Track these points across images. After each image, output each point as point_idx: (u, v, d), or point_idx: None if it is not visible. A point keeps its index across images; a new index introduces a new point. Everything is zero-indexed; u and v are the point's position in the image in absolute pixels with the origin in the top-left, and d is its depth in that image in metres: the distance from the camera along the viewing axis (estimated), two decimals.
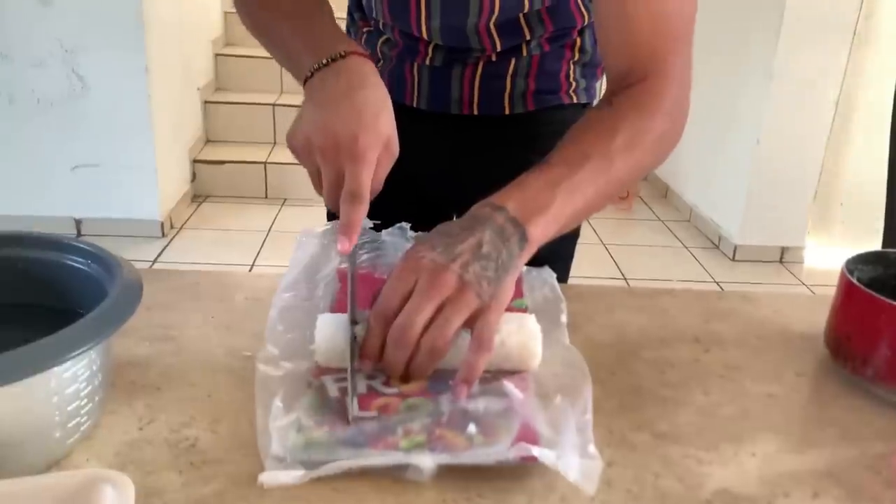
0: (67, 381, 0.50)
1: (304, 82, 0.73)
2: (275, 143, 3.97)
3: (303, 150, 0.70)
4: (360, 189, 0.65)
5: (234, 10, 4.38)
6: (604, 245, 3.40)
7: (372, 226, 0.81)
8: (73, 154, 3.04)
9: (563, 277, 0.98)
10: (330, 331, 0.61)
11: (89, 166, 3.05)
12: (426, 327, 0.57)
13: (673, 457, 0.56)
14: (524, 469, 0.53)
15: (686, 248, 3.51)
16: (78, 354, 0.48)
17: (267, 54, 0.85)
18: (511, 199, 0.64)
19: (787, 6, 3.01)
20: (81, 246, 0.61)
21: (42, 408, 0.49)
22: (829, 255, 3.38)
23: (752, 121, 3.23)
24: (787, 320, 0.79)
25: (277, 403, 0.55)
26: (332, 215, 1.05)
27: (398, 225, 0.82)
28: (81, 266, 0.61)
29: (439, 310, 0.57)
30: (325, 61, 0.71)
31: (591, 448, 0.53)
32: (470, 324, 0.58)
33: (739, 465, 0.56)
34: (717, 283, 3.15)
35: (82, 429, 0.52)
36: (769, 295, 0.85)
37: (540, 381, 0.61)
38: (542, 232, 0.63)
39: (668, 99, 0.74)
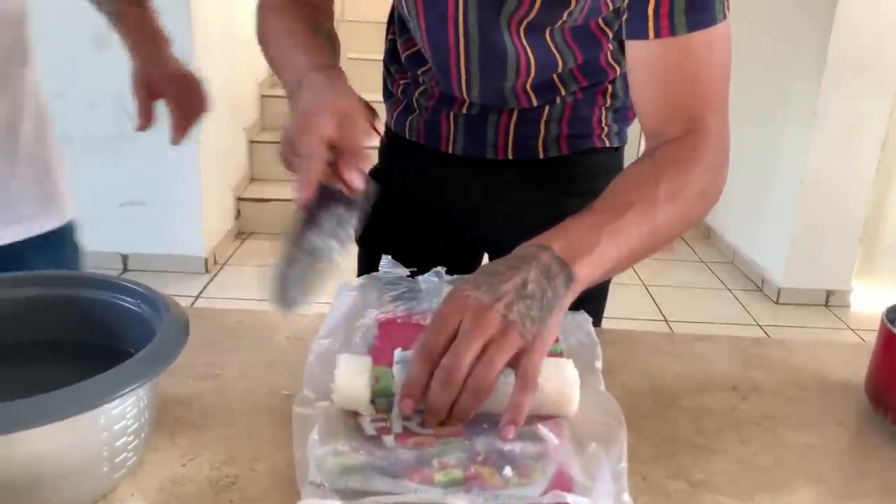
0: (116, 417, 0.51)
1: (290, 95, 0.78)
2: None
3: (284, 155, 0.75)
4: (306, 176, 0.69)
5: None
6: (644, 286, 3.37)
7: (408, 273, 0.82)
8: (121, 191, 3.13)
9: (597, 319, 0.99)
10: (350, 372, 0.62)
11: (137, 204, 3.13)
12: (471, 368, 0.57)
13: None
14: None
15: (728, 289, 3.47)
16: (127, 393, 0.50)
17: None
18: (557, 239, 0.64)
19: (831, 48, 3.00)
20: (130, 286, 0.64)
21: (92, 443, 0.51)
22: (876, 298, 3.30)
23: (795, 162, 3.20)
24: (826, 368, 0.78)
25: (314, 436, 0.56)
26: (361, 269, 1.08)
27: (434, 270, 0.83)
28: (130, 305, 0.63)
29: (483, 350, 0.58)
30: (292, 87, 0.77)
31: (626, 497, 0.53)
32: (514, 364, 0.59)
33: None
34: (761, 327, 3.10)
35: (128, 464, 0.54)
36: (808, 342, 0.84)
37: (575, 427, 0.61)
38: (588, 272, 0.64)
39: (708, 154, 0.74)
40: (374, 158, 0.79)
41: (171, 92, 1.12)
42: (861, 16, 2.97)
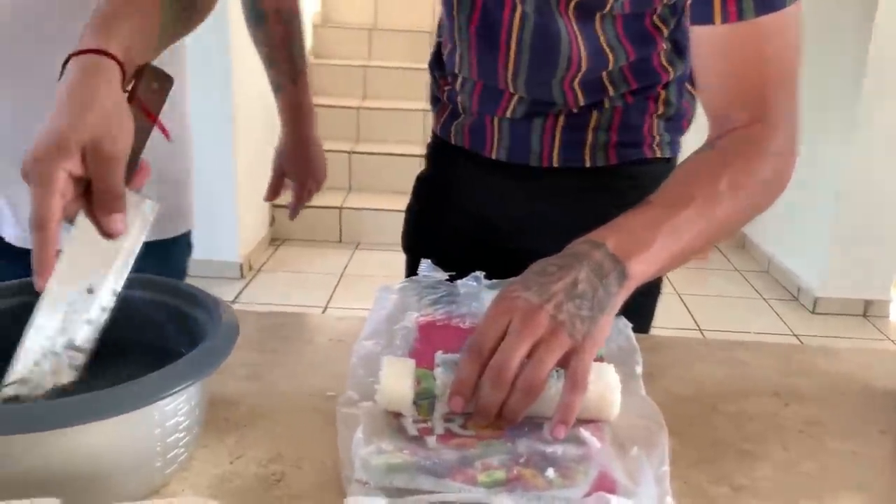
0: (169, 414, 0.53)
1: None
2: (350, 188, 4.08)
3: None
4: (39, 213, 0.54)
5: (315, 61, 4.49)
6: (678, 295, 3.35)
7: (447, 277, 0.83)
8: None
9: (644, 328, 0.98)
10: (394, 374, 0.63)
11: None
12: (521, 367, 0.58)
13: None
14: None
15: (764, 299, 3.43)
16: (181, 389, 0.51)
17: (344, 104, 0.90)
18: (611, 236, 0.64)
19: (871, 55, 2.96)
20: (181, 287, 0.66)
21: (146, 438, 0.52)
22: None
23: (833, 169, 3.16)
24: (869, 375, 0.78)
25: (359, 435, 0.57)
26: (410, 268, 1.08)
27: (472, 275, 0.83)
28: (181, 306, 0.65)
29: (533, 350, 0.58)
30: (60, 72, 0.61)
31: (669, 500, 0.53)
32: (563, 364, 0.59)
33: None
34: (797, 337, 3.06)
35: (179, 460, 0.56)
36: (851, 350, 0.83)
37: (616, 431, 0.62)
38: (642, 270, 0.63)
39: (775, 143, 0.72)
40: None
41: (299, 171, 1.31)
42: None
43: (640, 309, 0.69)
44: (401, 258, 1.10)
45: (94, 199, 0.57)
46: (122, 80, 0.61)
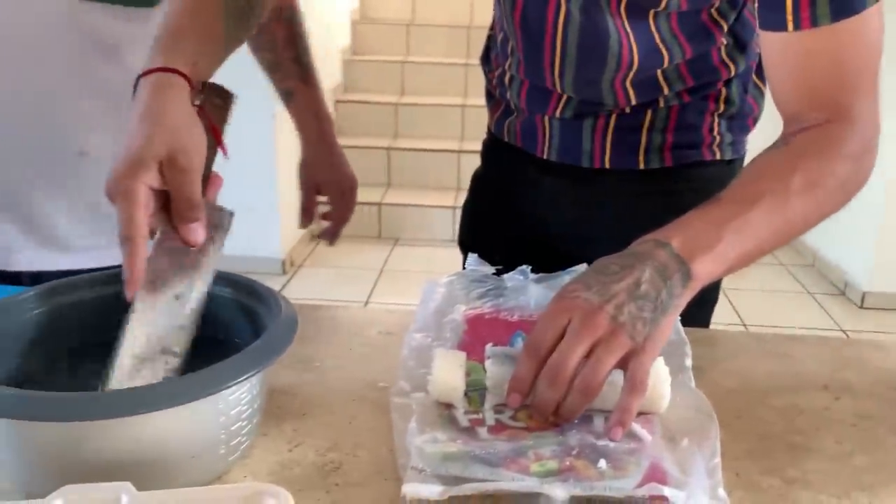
0: (233, 403, 0.55)
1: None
2: (389, 184, 4.10)
3: None
4: (127, 229, 0.57)
5: (354, 57, 4.53)
6: (723, 289, 3.30)
7: (494, 271, 0.84)
8: None
9: (705, 324, 0.96)
10: (446, 366, 0.64)
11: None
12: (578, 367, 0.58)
13: (803, 502, 0.56)
14: None
15: (809, 293, 3.37)
16: (244, 379, 0.53)
17: (383, 100, 0.90)
18: (676, 235, 0.63)
19: None
20: (241, 280, 0.68)
21: (211, 426, 0.54)
22: None
23: (882, 159, 3.05)
24: None
25: (413, 425, 0.59)
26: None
27: (519, 268, 0.83)
28: (240, 299, 0.67)
29: (591, 351, 0.58)
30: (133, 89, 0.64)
31: (721, 491, 0.54)
32: (623, 364, 0.59)
33: None
34: (844, 332, 3.01)
35: (241, 448, 0.58)
36: None
37: (666, 424, 0.62)
38: (708, 270, 0.62)
39: (852, 143, 0.70)
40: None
41: (332, 194, 1.26)
42: None
43: (693, 320, 0.68)
44: (439, 253, 1.12)
45: (174, 210, 0.60)
46: (191, 96, 0.64)
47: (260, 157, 3.20)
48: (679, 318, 0.73)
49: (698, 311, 0.75)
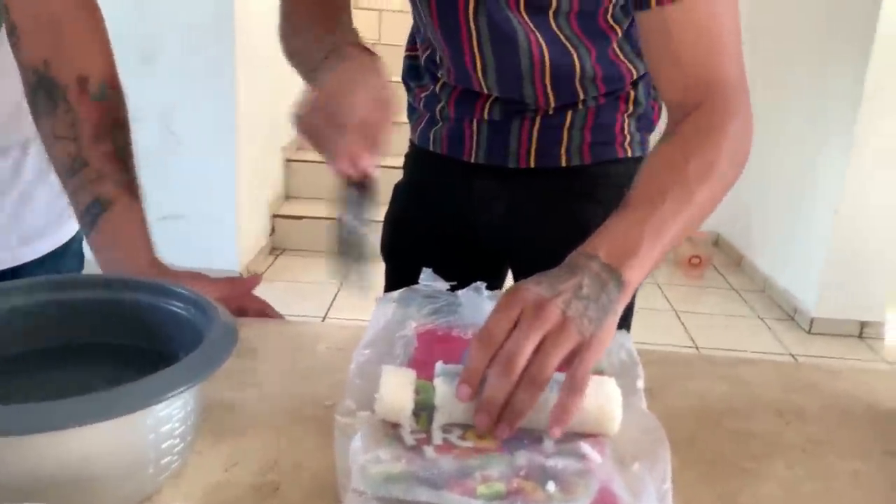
0: (163, 419, 0.52)
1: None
2: None
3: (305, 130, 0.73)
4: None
5: None
6: (675, 312, 3.34)
7: (448, 287, 0.82)
8: (161, 206, 3.17)
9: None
10: (394, 384, 0.62)
11: (175, 218, 3.18)
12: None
13: None
14: None
15: (760, 318, 3.42)
16: (176, 394, 0.50)
17: None
18: (601, 246, 0.65)
19: (868, 73, 2.96)
20: (180, 290, 0.65)
21: (139, 444, 0.51)
22: None
23: (830, 190, 3.16)
24: (871, 395, 0.77)
25: (356, 444, 0.57)
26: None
27: (474, 285, 0.83)
28: (179, 310, 0.64)
29: (540, 344, 0.58)
30: (324, 56, 0.74)
31: None
32: (567, 363, 0.59)
33: None
34: (793, 356, 3.05)
35: (173, 467, 0.55)
36: (852, 369, 0.83)
37: (617, 446, 0.61)
38: (637, 273, 0.65)
39: (731, 114, 0.75)
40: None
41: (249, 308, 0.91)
42: None
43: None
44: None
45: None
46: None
47: (220, 170, 3.15)
48: (631, 338, 0.73)
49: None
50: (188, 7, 2.98)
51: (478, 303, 0.82)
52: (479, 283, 0.83)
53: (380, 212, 0.75)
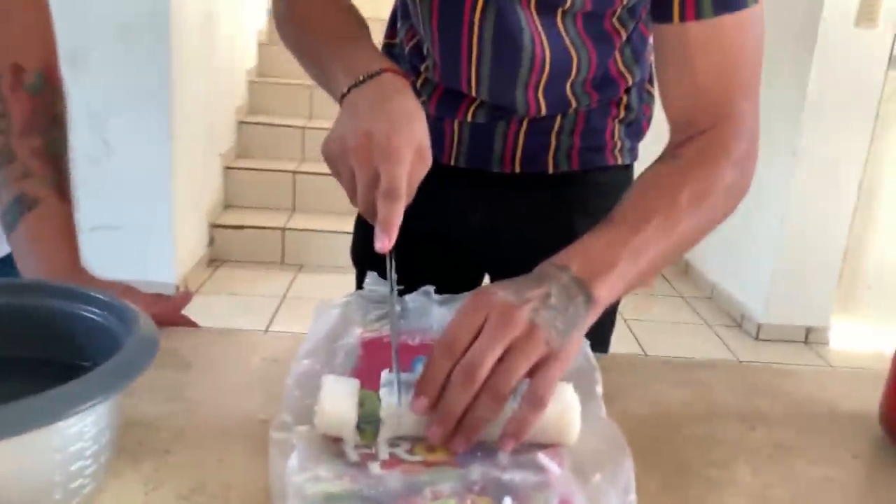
0: (72, 438, 0.46)
1: (341, 100, 0.71)
2: (294, 209, 3.99)
3: (338, 153, 0.67)
4: (395, 185, 0.62)
5: (259, 78, 4.43)
6: (624, 320, 3.34)
7: (397, 291, 0.77)
8: (93, 215, 3.05)
9: (604, 348, 0.94)
10: (336, 395, 0.57)
11: (108, 228, 3.06)
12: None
13: None
14: None
15: (708, 325, 3.45)
16: (85, 409, 0.44)
17: (290, 123, 0.84)
18: (574, 259, 0.62)
19: (810, 87, 3.02)
20: (97, 296, 0.59)
21: (43, 466, 0.45)
22: (855, 336, 3.30)
23: (776, 199, 3.20)
24: (833, 398, 0.74)
25: (293, 462, 0.51)
26: (359, 265, 1.01)
27: (422, 289, 0.78)
28: (96, 317, 0.58)
29: (505, 354, 0.54)
30: (361, 78, 0.69)
31: None
32: (530, 375, 0.55)
33: None
34: (741, 363, 3.08)
35: (84, 492, 0.49)
36: (811, 370, 0.81)
37: (576, 457, 0.57)
38: (607, 293, 0.61)
39: (737, 148, 0.72)
40: None
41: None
42: (839, 55, 3.00)
43: (593, 335, 0.65)
44: (346, 281, 1.04)
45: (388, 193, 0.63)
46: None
47: (155, 178, 3.04)
48: (587, 343, 0.70)
49: (597, 335, 0.73)
50: (120, 5, 2.87)
51: (427, 308, 0.77)
52: (427, 287, 0.78)
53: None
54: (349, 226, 1.08)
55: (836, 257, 3.22)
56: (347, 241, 1.08)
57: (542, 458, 0.55)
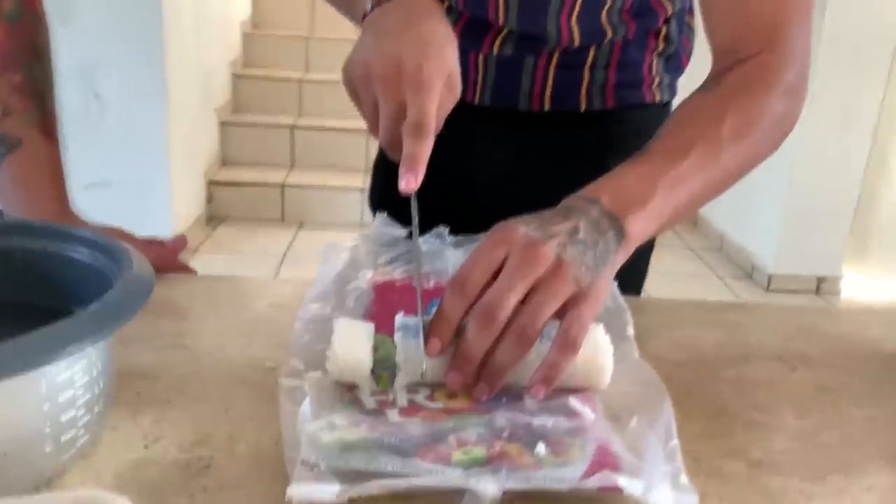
0: (62, 385, 0.42)
1: (362, 18, 0.66)
2: (292, 165, 3.92)
3: (360, 78, 0.61)
4: (425, 119, 0.57)
5: (253, 30, 4.33)
6: None
7: (406, 233, 0.73)
8: (88, 173, 2.98)
9: (637, 291, 0.90)
10: (349, 339, 0.53)
11: (102, 186, 3.00)
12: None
13: (774, 489, 0.47)
14: (602, 500, 0.44)
15: (718, 277, 3.41)
16: (74, 352, 0.40)
17: (287, 75, 0.78)
18: (606, 191, 0.57)
19: (823, 33, 2.94)
20: (83, 235, 0.54)
21: (30, 416, 0.41)
22: (867, 285, 3.27)
23: (786, 146, 3.11)
24: (873, 336, 0.70)
25: (305, 409, 0.47)
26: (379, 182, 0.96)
27: (435, 230, 0.74)
28: (85, 258, 0.53)
29: (531, 292, 0.50)
30: None
31: (684, 479, 0.44)
32: (559, 316, 0.51)
33: (855, 502, 0.47)
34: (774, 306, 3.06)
35: (78, 444, 0.44)
36: (849, 310, 0.76)
37: (608, 401, 0.53)
38: (641, 228, 0.56)
39: (787, 75, 0.66)
40: None
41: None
42: None
43: (631, 267, 0.60)
44: (347, 238, 0.98)
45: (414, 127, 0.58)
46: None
47: (150, 134, 2.98)
48: (620, 279, 0.65)
49: (630, 280, 0.70)
50: None
51: (441, 250, 0.73)
52: (441, 227, 0.74)
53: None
54: (350, 181, 1.03)
55: (849, 206, 3.17)
56: (348, 197, 1.03)
57: (574, 402, 0.51)
